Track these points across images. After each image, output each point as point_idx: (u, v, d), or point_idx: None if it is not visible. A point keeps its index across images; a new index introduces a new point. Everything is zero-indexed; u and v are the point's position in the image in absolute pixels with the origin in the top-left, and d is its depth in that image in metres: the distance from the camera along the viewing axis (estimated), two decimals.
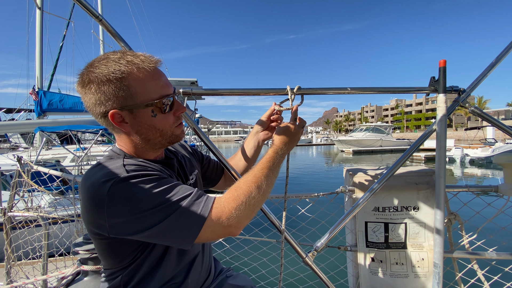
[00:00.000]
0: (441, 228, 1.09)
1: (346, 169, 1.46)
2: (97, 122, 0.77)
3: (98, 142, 10.52)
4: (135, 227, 0.63)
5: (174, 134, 0.80)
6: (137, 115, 0.72)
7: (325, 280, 1.19)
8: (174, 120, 0.79)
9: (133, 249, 0.73)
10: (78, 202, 2.08)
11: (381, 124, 33.08)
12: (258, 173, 0.79)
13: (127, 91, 0.69)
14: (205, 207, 0.67)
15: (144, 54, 0.73)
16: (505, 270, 1.34)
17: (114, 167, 0.69)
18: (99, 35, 13.57)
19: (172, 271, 0.80)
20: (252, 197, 0.73)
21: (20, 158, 2.19)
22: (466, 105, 1.16)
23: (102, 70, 0.68)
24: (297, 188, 11.19)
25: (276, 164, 0.85)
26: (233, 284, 1.00)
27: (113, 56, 0.70)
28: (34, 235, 2.09)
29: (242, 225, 0.71)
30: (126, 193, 0.63)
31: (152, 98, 0.71)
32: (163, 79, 0.75)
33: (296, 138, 0.95)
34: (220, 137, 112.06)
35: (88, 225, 0.70)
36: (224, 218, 0.68)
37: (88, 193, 0.66)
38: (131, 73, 0.69)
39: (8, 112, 14.36)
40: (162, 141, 0.78)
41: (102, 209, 0.63)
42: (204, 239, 0.68)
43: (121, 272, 0.75)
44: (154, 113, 0.73)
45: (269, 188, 0.79)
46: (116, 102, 0.69)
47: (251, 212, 0.73)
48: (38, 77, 9.02)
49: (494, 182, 8.09)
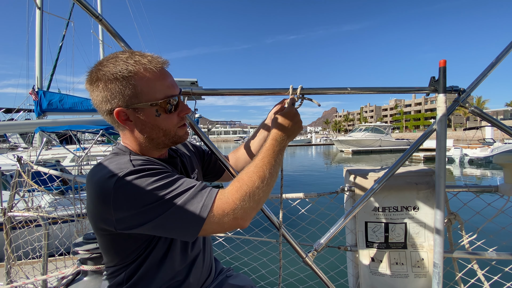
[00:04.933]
0: (441, 228, 1.09)
1: (346, 169, 1.46)
2: (98, 122, 0.79)
3: (98, 142, 10.52)
4: (141, 219, 0.64)
5: (177, 135, 0.80)
6: (142, 114, 0.73)
7: (325, 280, 1.19)
8: (178, 121, 0.79)
9: (137, 245, 0.73)
10: (78, 202, 2.08)
11: (380, 124, 33.09)
12: (259, 163, 0.77)
13: (132, 90, 0.70)
14: (209, 198, 0.68)
15: (152, 55, 0.75)
16: (505, 270, 1.34)
17: (121, 162, 0.70)
18: (99, 35, 13.56)
19: (175, 269, 0.80)
20: (256, 187, 0.72)
21: (20, 158, 2.19)
22: (466, 105, 1.16)
23: (110, 69, 0.69)
24: (297, 188, 11.19)
25: (277, 152, 0.82)
26: (233, 284, 1.01)
27: (122, 56, 0.72)
28: (34, 235, 2.09)
29: (249, 217, 0.71)
30: (132, 187, 0.64)
31: (157, 98, 0.72)
32: (169, 79, 0.76)
33: (294, 122, 0.89)
34: (219, 137, 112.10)
35: (95, 220, 0.71)
36: (228, 209, 0.67)
37: (94, 188, 0.67)
38: (138, 73, 0.70)
39: (7, 112, 14.33)
40: (165, 141, 0.79)
41: (108, 203, 0.64)
42: (211, 231, 0.68)
43: (125, 269, 0.76)
44: (158, 113, 0.74)
45: (273, 177, 0.77)
46: (121, 100, 0.71)
47: (257, 203, 0.72)
48: (37, 77, 9.00)
49: (493, 182, 8.13)
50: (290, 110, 0.92)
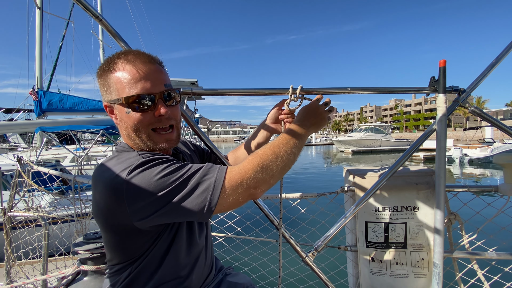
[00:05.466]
0: (441, 228, 1.09)
1: (346, 169, 1.46)
2: (98, 122, 0.81)
3: (98, 142, 10.51)
4: (157, 205, 0.65)
5: (151, 140, 0.76)
6: (117, 110, 0.76)
7: (325, 280, 1.19)
8: (153, 121, 0.75)
9: (144, 241, 0.74)
10: (78, 202, 2.08)
11: (380, 124, 33.08)
12: (275, 142, 0.81)
13: (111, 86, 0.74)
14: (220, 173, 0.69)
15: (143, 53, 0.76)
16: (505, 270, 1.34)
17: (130, 156, 0.72)
18: (99, 35, 13.56)
19: (179, 265, 0.81)
20: (270, 160, 0.74)
21: (20, 158, 2.19)
22: (466, 105, 1.16)
23: (101, 66, 0.76)
24: (297, 188, 11.19)
25: (298, 135, 0.84)
26: (233, 282, 1.01)
27: (116, 53, 0.76)
28: (34, 235, 2.09)
29: (261, 188, 0.72)
30: (144, 176, 0.65)
31: (126, 94, 0.73)
32: (151, 78, 0.73)
33: (318, 113, 0.93)
34: (219, 137, 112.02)
35: (105, 218, 0.71)
36: (241, 179, 0.69)
37: (106, 185, 0.67)
38: (117, 69, 0.73)
39: (7, 112, 14.33)
40: (146, 142, 0.76)
41: (122, 197, 0.64)
42: (226, 206, 0.69)
43: (129, 266, 0.76)
44: (128, 110, 0.74)
45: (289, 156, 0.78)
46: (105, 95, 0.76)
47: (269, 176, 0.73)
48: (37, 77, 9.00)
49: (493, 182, 8.13)
50: (314, 103, 0.97)
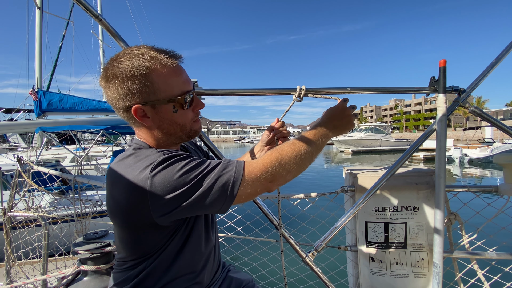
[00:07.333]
0: (441, 228, 1.09)
1: (346, 169, 1.46)
2: (98, 122, 0.79)
3: (98, 142, 10.51)
4: (180, 200, 0.66)
5: (193, 129, 0.82)
6: (159, 110, 0.74)
7: (325, 280, 1.19)
8: (193, 116, 0.81)
9: (161, 237, 0.74)
10: (78, 202, 2.07)
11: (380, 124, 33.07)
12: (296, 140, 0.82)
13: (150, 86, 0.71)
14: (238, 166, 0.71)
15: (167, 50, 0.75)
16: (505, 270, 1.34)
17: (150, 153, 0.72)
18: (99, 35, 13.57)
19: (193, 261, 0.81)
20: (288, 156, 0.76)
21: (20, 158, 2.18)
22: (466, 105, 1.16)
23: (127, 65, 0.70)
24: (297, 188, 11.19)
25: (318, 136, 0.85)
26: (234, 277, 1.03)
27: (136, 51, 0.72)
28: (34, 235, 2.08)
29: (277, 182, 0.74)
30: (166, 173, 0.66)
31: (174, 94, 0.74)
32: (184, 75, 0.77)
33: (345, 116, 0.93)
34: (219, 137, 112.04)
35: (123, 215, 0.71)
36: (260, 173, 0.71)
37: (128, 183, 0.67)
38: (155, 69, 0.71)
39: (7, 112, 14.34)
40: (182, 136, 0.81)
41: (145, 194, 0.65)
42: (244, 197, 0.71)
43: (144, 261, 0.76)
44: (176, 109, 0.75)
45: (308, 155, 0.80)
46: (139, 97, 0.72)
47: (287, 171, 0.75)
48: (37, 77, 8.99)
49: (493, 182, 8.14)
50: (341, 104, 0.96)
